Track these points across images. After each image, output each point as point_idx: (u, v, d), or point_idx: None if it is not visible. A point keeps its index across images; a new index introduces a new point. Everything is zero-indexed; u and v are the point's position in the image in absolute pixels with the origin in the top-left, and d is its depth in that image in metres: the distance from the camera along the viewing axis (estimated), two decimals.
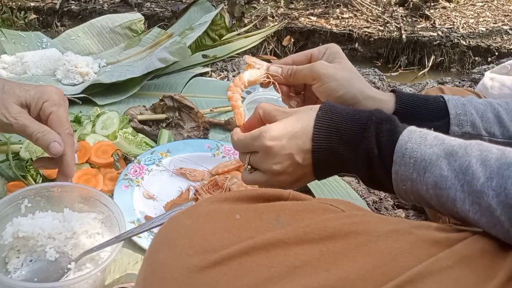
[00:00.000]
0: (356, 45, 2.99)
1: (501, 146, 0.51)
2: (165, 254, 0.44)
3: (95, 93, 1.34)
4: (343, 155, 0.62)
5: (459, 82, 1.85)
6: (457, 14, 3.08)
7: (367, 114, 0.61)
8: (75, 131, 1.15)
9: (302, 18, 3.11)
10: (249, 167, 0.68)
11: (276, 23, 2.78)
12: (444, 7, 3.09)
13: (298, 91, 0.82)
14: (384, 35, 2.98)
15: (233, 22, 1.80)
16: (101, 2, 2.30)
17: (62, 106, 0.81)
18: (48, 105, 0.79)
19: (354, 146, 0.60)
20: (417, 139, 0.55)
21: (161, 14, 2.48)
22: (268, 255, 0.42)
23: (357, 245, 0.44)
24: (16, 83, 0.82)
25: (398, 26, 3.03)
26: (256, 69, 0.77)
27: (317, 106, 0.65)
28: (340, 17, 3.17)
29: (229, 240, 0.43)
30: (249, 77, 0.76)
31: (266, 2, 3.23)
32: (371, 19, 3.17)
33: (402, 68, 2.97)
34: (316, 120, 0.63)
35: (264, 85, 0.78)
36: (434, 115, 0.73)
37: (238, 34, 1.85)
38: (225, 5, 1.81)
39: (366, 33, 2.99)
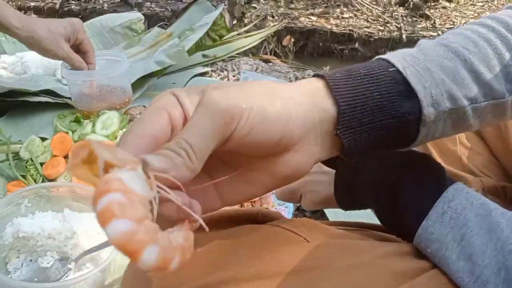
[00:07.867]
0: (356, 45, 2.99)
1: None
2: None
3: None
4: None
5: None
6: (457, 14, 3.08)
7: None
8: (75, 131, 1.15)
9: (302, 18, 3.11)
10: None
11: (276, 23, 2.78)
12: (444, 7, 3.10)
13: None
14: (384, 35, 2.98)
15: (234, 22, 1.79)
16: (101, 1, 2.30)
17: (85, 31, 1.19)
18: (80, 36, 1.16)
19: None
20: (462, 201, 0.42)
21: (161, 14, 2.48)
22: None
23: (307, 283, 0.41)
24: (54, 22, 1.14)
25: (398, 26, 3.03)
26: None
27: None
28: (340, 17, 3.16)
29: (185, 277, 0.43)
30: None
31: (266, 1, 3.23)
32: (371, 19, 3.17)
33: None
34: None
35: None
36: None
37: (238, 34, 1.85)
38: (225, 5, 1.81)
39: (366, 33, 2.99)
